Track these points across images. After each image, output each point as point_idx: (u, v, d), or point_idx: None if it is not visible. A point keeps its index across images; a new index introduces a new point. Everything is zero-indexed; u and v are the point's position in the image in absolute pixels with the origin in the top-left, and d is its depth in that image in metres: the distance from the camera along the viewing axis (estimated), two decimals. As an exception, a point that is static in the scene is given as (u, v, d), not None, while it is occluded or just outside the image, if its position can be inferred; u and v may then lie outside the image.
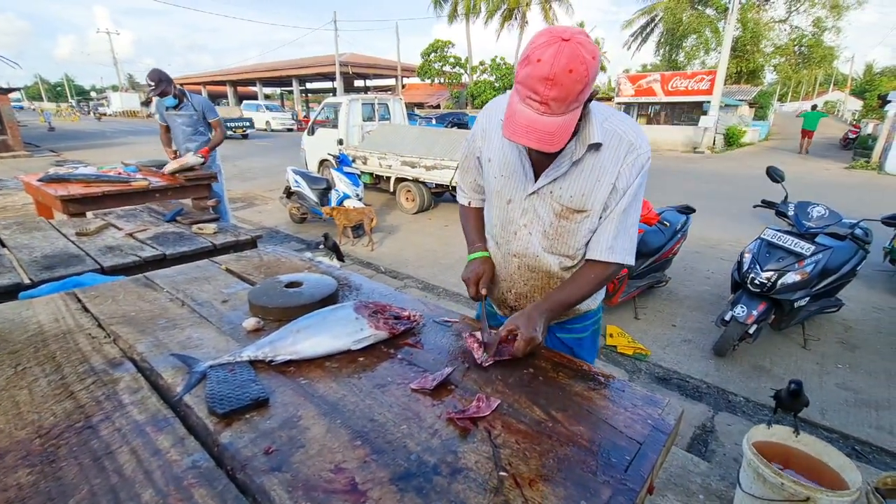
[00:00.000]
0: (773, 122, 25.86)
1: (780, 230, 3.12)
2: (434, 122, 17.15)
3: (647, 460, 0.74)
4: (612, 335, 3.29)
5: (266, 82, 34.87)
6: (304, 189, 5.87)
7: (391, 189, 7.29)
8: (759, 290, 2.90)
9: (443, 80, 27.44)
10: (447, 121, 17.18)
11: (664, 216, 3.76)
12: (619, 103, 18.81)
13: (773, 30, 23.68)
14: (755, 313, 2.89)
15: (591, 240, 1.14)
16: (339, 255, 3.92)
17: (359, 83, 34.24)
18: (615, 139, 1.04)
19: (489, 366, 0.98)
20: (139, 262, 1.88)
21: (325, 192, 5.80)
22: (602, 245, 1.11)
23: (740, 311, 2.93)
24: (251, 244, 2.28)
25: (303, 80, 33.56)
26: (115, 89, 52.66)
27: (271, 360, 0.96)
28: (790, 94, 51.12)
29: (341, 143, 7.89)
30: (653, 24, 26.53)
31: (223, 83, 35.48)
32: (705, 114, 16.44)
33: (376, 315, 1.10)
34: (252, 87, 37.19)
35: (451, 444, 0.75)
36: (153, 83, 3.77)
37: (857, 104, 36.75)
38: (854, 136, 17.54)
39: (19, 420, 0.78)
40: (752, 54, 22.53)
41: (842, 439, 2.36)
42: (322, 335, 1.01)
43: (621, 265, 1.13)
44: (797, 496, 1.49)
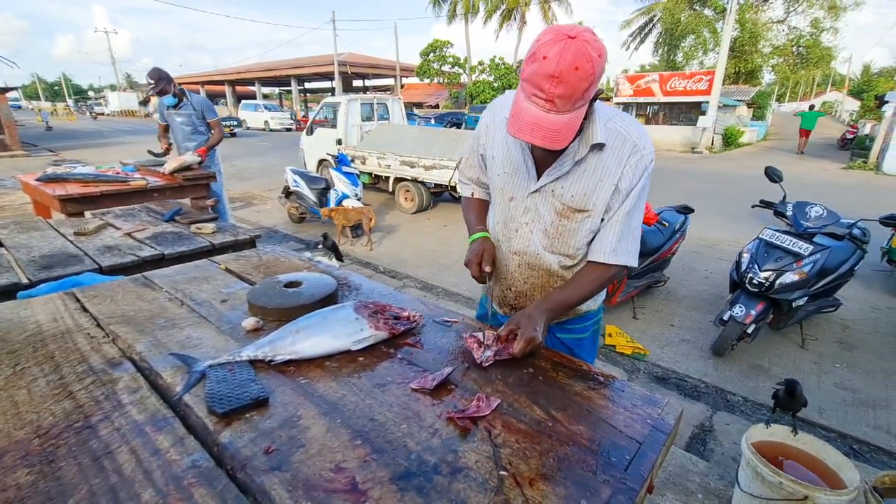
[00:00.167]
0: (772, 122, 25.95)
1: (778, 230, 3.13)
2: (433, 121, 17.19)
3: (646, 459, 0.74)
4: (610, 335, 3.30)
5: (264, 82, 34.80)
6: (303, 189, 5.86)
7: (390, 189, 7.28)
8: (757, 290, 2.91)
9: (442, 80, 27.41)
10: (446, 120, 17.23)
11: (663, 216, 3.77)
12: (617, 103, 18.82)
13: (771, 30, 23.74)
14: (753, 313, 2.90)
15: (594, 241, 1.13)
16: (338, 255, 3.92)
17: (357, 83, 34.21)
18: (619, 140, 1.03)
19: (489, 365, 0.98)
20: (138, 261, 1.88)
21: (323, 192, 5.80)
22: (606, 247, 1.10)
23: (739, 310, 2.94)
24: (250, 244, 2.28)
25: (301, 79, 33.50)
26: (113, 88, 52.57)
27: (271, 360, 0.96)
28: (788, 94, 51.25)
29: (340, 142, 7.88)
30: (651, 24, 26.57)
31: (221, 83, 35.38)
32: (704, 114, 16.47)
33: (376, 315, 1.10)
34: (250, 87, 37.12)
35: (452, 444, 0.75)
36: (153, 81, 3.77)
37: (854, 104, 36.87)
38: (852, 136, 17.62)
39: (18, 420, 0.78)
40: (750, 55, 22.57)
41: (840, 438, 2.37)
42: (322, 335, 1.01)
43: (624, 267, 1.13)
44: (795, 495, 1.49)
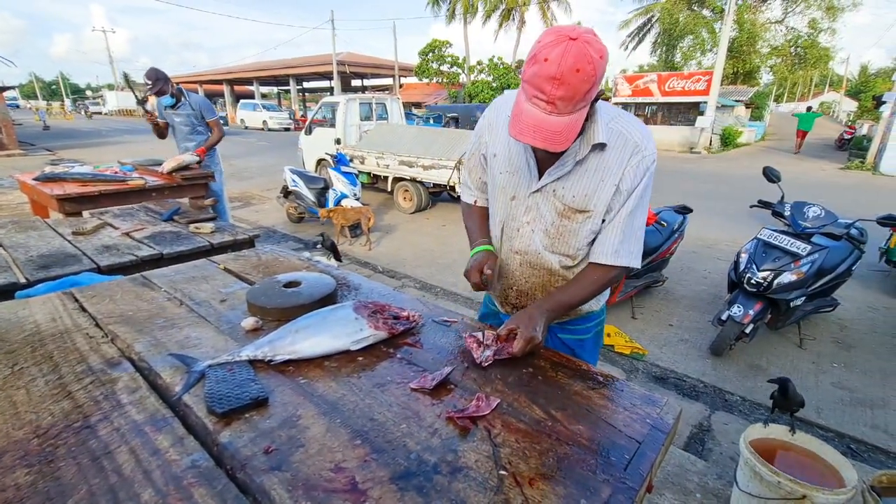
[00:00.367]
0: (770, 122, 26.02)
1: (776, 230, 3.13)
2: (432, 121, 17.15)
3: (646, 459, 0.75)
4: (609, 334, 3.30)
5: (263, 81, 34.73)
6: (302, 188, 5.85)
7: (389, 189, 7.28)
8: (755, 290, 2.92)
9: (440, 79, 27.39)
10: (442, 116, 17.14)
11: (661, 216, 3.77)
12: (616, 103, 18.74)
13: (769, 31, 23.79)
14: (752, 313, 2.90)
15: (596, 242, 1.12)
16: (337, 255, 3.91)
17: (356, 83, 34.14)
18: (620, 140, 1.03)
19: (489, 365, 0.98)
20: (136, 261, 1.88)
21: (322, 192, 5.79)
22: (608, 249, 1.09)
23: (737, 310, 2.95)
24: (249, 244, 2.28)
25: (300, 79, 33.45)
26: (110, 88, 52.38)
27: (270, 360, 0.96)
28: (786, 94, 51.36)
29: (339, 142, 7.88)
30: (649, 24, 26.60)
31: (220, 82, 35.30)
32: (702, 114, 16.51)
33: (375, 315, 1.10)
34: (249, 87, 37.05)
35: (451, 444, 0.75)
36: (150, 82, 3.76)
37: (852, 105, 36.92)
38: (849, 136, 17.66)
39: (17, 420, 0.78)
40: (748, 55, 22.62)
41: (837, 438, 2.38)
42: (321, 335, 1.01)
43: (625, 268, 1.12)
44: (793, 494, 1.50)
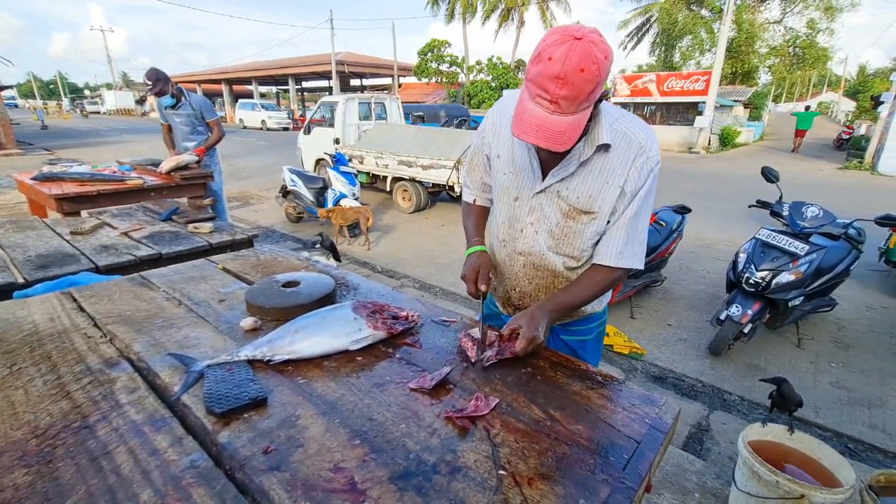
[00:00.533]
0: (768, 122, 26.03)
1: (774, 230, 3.14)
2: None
3: (644, 459, 0.75)
4: (608, 334, 3.30)
5: (262, 81, 34.67)
6: (301, 188, 5.84)
7: (388, 188, 7.27)
8: (753, 290, 2.93)
9: (439, 79, 27.39)
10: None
11: (660, 216, 3.78)
12: (615, 103, 18.76)
13: (767, 31, 23.84)
14: (750, 312, 2.91)
15: (599, 243, 1.12)
16: (336, 255, 3.91)
17: (355, 82, 34.10)
18: (624, 141, 1.02)
19: (488, 365, 0.98)
20: (135, 261, 1.87)
21: (321, 192, 5.79)
22: (612, 250, 1.09)
23: (735, 310, 2.95)
24: (247, 243, 2.27)
25: (299, 78, 33.39)
26: (109, 87, 52.29)
27: (269, 360, 0.96)
28: (784, 94, 51.41)
29: (338, 142, 7.86)
30: (648, 24, 26.64)
31: (219, 81, 35.24)
32: (700, 114, 16.52)
33: (375, 315, 1.10)
34: (248, 86, 36.99)
35: (450, 443, 0.75)
36: (150, 82, 3.75)
37: (850, 105, 36.95)
38: (847, 136, 17.69)
39: (15, 420, 0.78)
40: (746, 55, 22.65)
41: (835, 437, 2.39)
42: (320, 335, 1.01)
43: (629, 270, 1.12)
44: (792, 494, 1.50)
